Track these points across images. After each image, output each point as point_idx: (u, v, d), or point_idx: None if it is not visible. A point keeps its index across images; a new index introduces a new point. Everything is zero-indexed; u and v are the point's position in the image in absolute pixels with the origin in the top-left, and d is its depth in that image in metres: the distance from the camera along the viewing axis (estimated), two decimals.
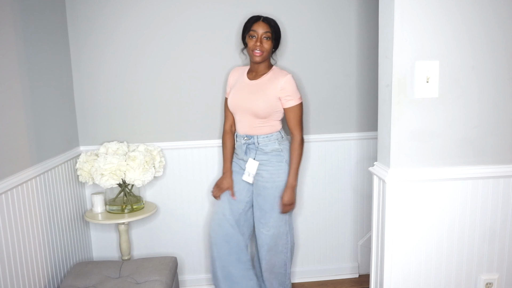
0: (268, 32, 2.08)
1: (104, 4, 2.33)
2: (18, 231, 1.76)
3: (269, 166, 2.15)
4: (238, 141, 2.22)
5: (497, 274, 1.75)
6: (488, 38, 1.58)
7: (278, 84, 2.09)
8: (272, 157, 2.16)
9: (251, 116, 2.13)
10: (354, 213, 2.70)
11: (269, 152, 2.15)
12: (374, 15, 2.46)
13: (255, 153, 2.17)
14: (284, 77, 2.10)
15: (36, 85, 1.96)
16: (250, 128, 2.16)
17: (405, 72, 1.56)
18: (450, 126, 1.62)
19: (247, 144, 2.18)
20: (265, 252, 2.22)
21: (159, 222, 2.56)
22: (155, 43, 2.40)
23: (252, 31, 2.09)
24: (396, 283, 1.71)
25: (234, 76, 2.26)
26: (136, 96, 2.44)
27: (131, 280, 2.01)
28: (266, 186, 2.15)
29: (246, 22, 2.14)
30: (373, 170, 1.75)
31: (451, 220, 1.69)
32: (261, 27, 2.08)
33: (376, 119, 1.81)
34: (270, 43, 2.10)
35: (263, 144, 2.15)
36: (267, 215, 2.17)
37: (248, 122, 2.15)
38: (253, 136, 2.16)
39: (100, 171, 2.15)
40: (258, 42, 2.07)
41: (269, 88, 2.10)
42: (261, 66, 2.16)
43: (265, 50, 2.08)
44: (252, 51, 2.09)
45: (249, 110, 2.11)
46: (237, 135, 2.23)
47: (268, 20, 2.11)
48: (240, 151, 2.22)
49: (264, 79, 2.14)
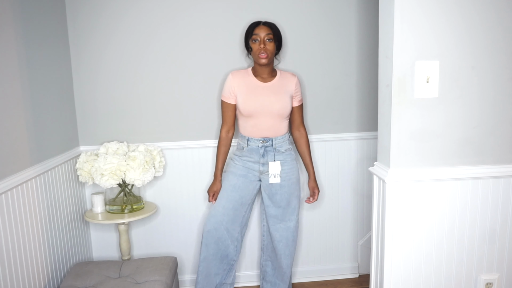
0: (270, 34, 2.14)
1: (104, 4, 2.34)
2: (18, 231, 1.76)
3: (285, 165, 2.23)
4: (250, 145, 2.21)
5: (497, 274, 1.75)
6: (488, 38, 1.58)
7: (292, 83, 2.24)
8: (286, 157, 2.25)
9: (274, 118, 2.18)
10: (354, 213, 2.70)
11: (284, 152, 2.24)
12: (374, 15, 2.46)
13: (273, 155, 2.21)
14: (295, 77, 2.26)
15: (36, 85, 1.96)
16: (270, 131, 2.19)
17: (405, 72, 1.56)
18: (450, 126, 1.62)
19: (264, 147, 2.20)
20: (284, 247, 2.30)
21: (159, 222, 2.57)
22: (154, 43, 2.40)
23: (254, 35, 2.14)
24: (396, 283, 1.71)
25: (236, 80, 2.20)
26: (136, 96, 2.44)
27: (131, 280, 2.01)
28: (283, 184, 2.23)
29: (248, 28, 2.19)
30: (373, 170, 1.75)
31: (451, 220, 1.70)
32: (263, 30, 2.14)
33: (376, 119, 1.81)
34: (273, 44, 2.16)
35: (279, 145, 2.22)
36: (284, 211, 2.27)
37: (268, 124, 2.18)
38: (270, 139, 2.20)
39: (100, 171, 2.15)
40: (262, 44, 2.13)
41: (286, 87, 2.22)
42: (269, 68, 2.21)
43: (269, 52, 2.14)
44: (258, 54, 2.14)
45: (274, 111, 2.16)
46: (249, 138, 2.21)
47: (269, 23, 2.18)
48: (254, 154, 2.21)
49: (278, 79, 2.22)
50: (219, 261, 2.29)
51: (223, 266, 2.31)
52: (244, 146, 2.23)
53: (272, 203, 2.27)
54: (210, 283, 2.28)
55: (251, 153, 2.22)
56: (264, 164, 2.23)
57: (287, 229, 2.29)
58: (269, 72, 2.22)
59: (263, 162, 2.22)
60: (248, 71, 2.24)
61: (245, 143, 2.23)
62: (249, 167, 2.24)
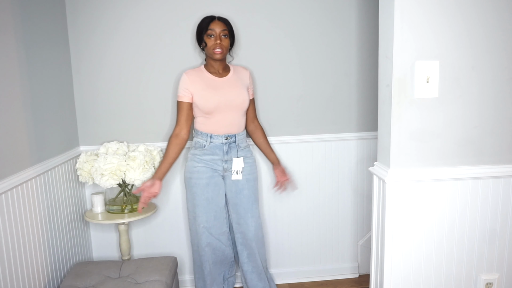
0: (225, 30, 2.14)
1: (103, 4, 2.34)
2: (18, 231, 1.76)
3: (248, 160, 2.26)
4: (213, 142, 2.17)
5: (497, 274, 1.75)
6: (488, 38, 1.58)
7: (246, 76, 2.28)
8: (247, 152, 2.28)
9: (236, 112, 2.18)
10: (354, 213, 2.70)
11: (244, 148, 2.27)
12: (374, 15, 2.46)
13: (236, 151, 2.22)
14: (247, 70, 2.30)
15: (36, 85, 1.96)
16: (232, 126, 2.19)
17: (405, 72, 1.56)
18: (450, 126, 1.62)
19: (228, 143, 2.19)
20: (256, 245, 2.29)
21: (159, 222, 2.56)
22: (154, 43, 2.40)
23: (210, 30, 2.12)
24: (396, 283, 1.71)
25: (191, 78, 2.15)
26: (136, 96, 2.44)
27: (131, 280, 2.01)
28: (249, 178, 2.26)
29: (201, 23, 2.17)
30: (373, 170, 1.75)
31: (451, 220, 1.70)
32: (218, 25, 2.13)
33: (376, 119, 1.82)
34: (228, 40, 2.16)
35: (241, 141, 2.24)
36: (253, 207, 2.27)
37: (231, 119, 2.17)
38: (234, 135, 2.20)
39: (100, 171, 2.15)
40: (218, 40, 2.11)
41: (242, 80, 2.24)
42: (223, 63, 2.23)
43: (224, 48, 2.14)
44: (213, 49, 2.12)
45: (235, 104, 2.16)
46: (212, 135, 2.16)
47: (223, 19, 2.17)
48: (217, 151, 2.18)
49: (233, 74, 2.24)
50: (220, 264, 2.31)
51: (223, 267, 2.34)
52: (205, 143, 2.17)
53: (243, 199, 2.24)
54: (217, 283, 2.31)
55: (213, 151, 2.18)
56: (228, 161, 2.20)
57: (258, 227, 2.28)
58: (223, 67, 2.23)
59: (227, 159, 2.19)
60: (201, 68, 2.21)
61: (206, 140, 2.17)
62: (212, 167, 2.19)
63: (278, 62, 2.47)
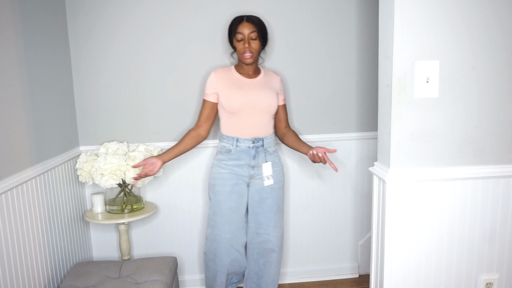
0: (254, 32, 2.04)
1: (103, 4, 2.34)
2: (18, 231, 1.76)
3: (275, 167, 2.16)
4: (239, 146, 2.09)
5: (497, 274, 1.75)
6: (488, 38, 1.58)
7: (276, 80, 2.20)
8: (275, 158, 2.18)
9: (262, 114, 2.09)
10: (354, 213, 2.70)
11: (272, 152, 2.17)
12: (374, 15, 2.46)
13: (264, 156, 2.13)
14: (278, 75, 2.24)
15: (36, 85, 1.96)
16: (259, 129, 2.10)
17: (405, 72, 1.56)
18: (450, 126, 1.62)
19: (255, 147, 2.11)
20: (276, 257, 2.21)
21: (159, 222, 2.57)
22: (154, 43, 2.40)
23: (238, 33, 2.05)
24: (396, 283, 1.71)
25: (218, 76, 2.11)
26: (136, 96, 2.44)
27: (131, 280, 2.01)
28: (274, 187, 2.16)
29: (230, 25, 2.10)
30: (373, 170, 1.75)
31: (451, 220, 1.70)
32: (246, 27, 2.04)
33: (376, 119, 1.81)
34: (258, 42, 2.07)
35: (269, 145, 2.14)
36: (276, 217, 2.17)
37: (256, 122, 2.09)
38: (261, 138, 2.11)
39: (100, 171, 2.15)
40: (246, 43, 2.04)
41: (272, 83, 2.16)
42: (254, 66, 2.15)
43: (254, 51, 2.06)
44: (242, 54, 2.06)
45: (261, 106, 2.07)
46: (238, 139, 2.09)
47: (252, 19, 2.07)
48: (243, 156, 2.10)
49: (263, 76, 2.17)
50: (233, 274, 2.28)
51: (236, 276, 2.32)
52: (232, 148, 2.09)
53: (266, 208, 2.15)
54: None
55: (240, 155, 2.09)
56: (255, 167, 2.11)
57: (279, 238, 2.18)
58: (254, 69, 2.16)
59: (254, 164, 2.11)
60: (231, 68, 2.17)
61: (233, 144, 2.09)
62: (237, 173, 2.11)
63: (278, 62, 2.47)
